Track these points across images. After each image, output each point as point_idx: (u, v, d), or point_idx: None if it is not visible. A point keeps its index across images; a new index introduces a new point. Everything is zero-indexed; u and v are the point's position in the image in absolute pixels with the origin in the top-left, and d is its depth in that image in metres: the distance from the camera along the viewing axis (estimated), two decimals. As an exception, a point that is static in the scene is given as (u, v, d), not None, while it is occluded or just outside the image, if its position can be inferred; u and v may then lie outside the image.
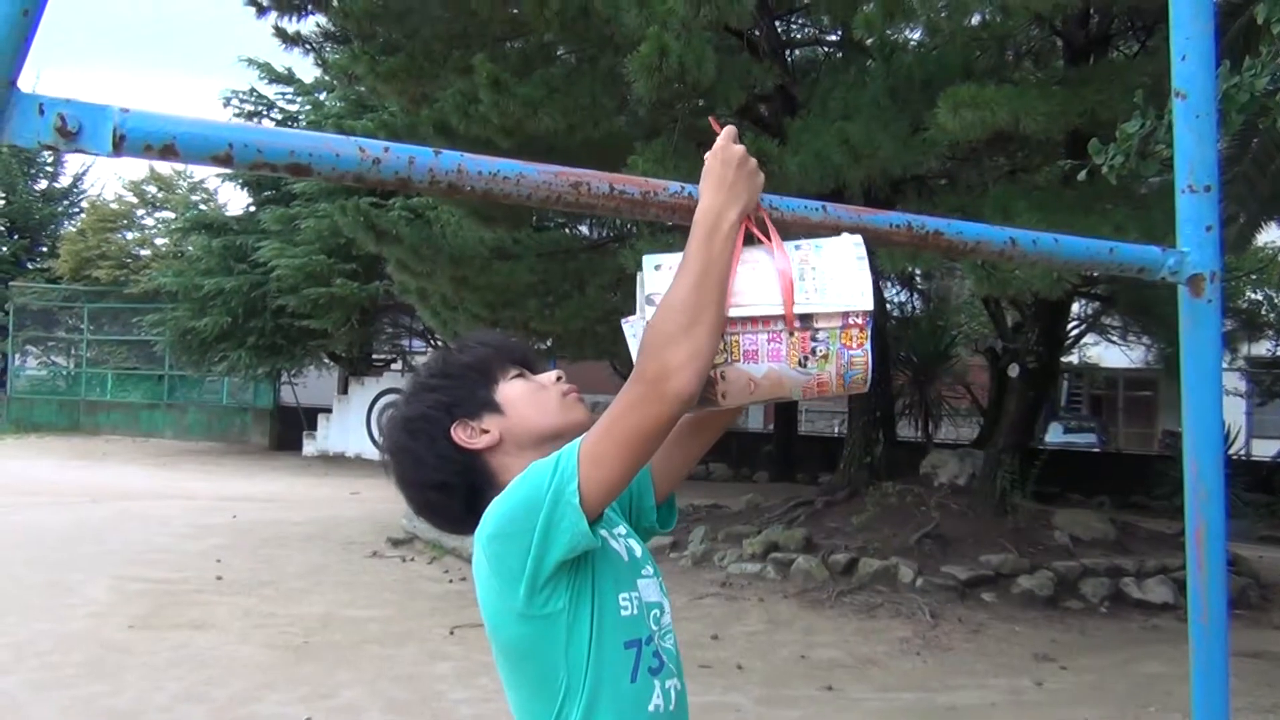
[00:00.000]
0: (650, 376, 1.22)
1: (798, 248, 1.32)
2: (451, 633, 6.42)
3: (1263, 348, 17.11)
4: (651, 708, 1.36)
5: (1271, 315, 16.33)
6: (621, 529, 1.49)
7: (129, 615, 6.69)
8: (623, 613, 1.36)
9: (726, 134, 1.32)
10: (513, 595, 1.30)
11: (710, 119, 1.34)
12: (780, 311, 1.27)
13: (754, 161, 1.30)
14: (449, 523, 1.49)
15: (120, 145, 0.97)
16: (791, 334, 1.28)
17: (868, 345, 1.29)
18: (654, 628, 1.41)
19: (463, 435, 1.43)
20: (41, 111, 0.95)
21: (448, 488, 1.44)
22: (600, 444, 1.25)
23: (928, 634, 6.82)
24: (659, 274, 1.31)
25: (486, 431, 1.43)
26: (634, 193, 1.22)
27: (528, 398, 1.47)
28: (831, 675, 5.82)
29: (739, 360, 1.29)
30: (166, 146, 0.99)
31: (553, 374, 1.52)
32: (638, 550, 1.47)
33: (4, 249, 28.81)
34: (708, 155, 1.30)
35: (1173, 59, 1.56)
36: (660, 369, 1.21)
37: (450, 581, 8.09)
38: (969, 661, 6.29)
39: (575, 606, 1.31)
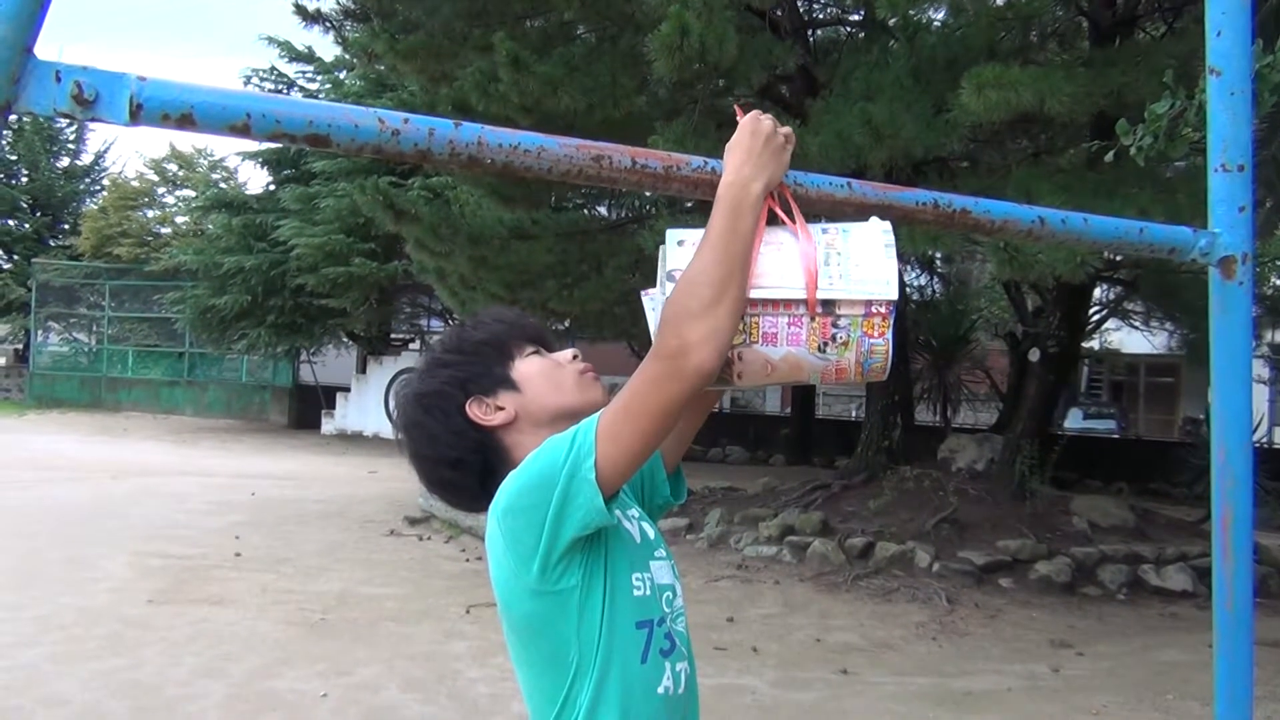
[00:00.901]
0: (670, 352, 1.20)
1: (825, 231, 1.29)
2: (468, 611, 6.44)
3: (1287, 335, 16.94)
4: (661, 689, 1.35)
5: (1297, 303, 16.15)
6: (634, 511, 1.48)
7: (149, 590, 6.74)
8: (635, 592, 1.35)
9: (754, 113, 1.29)
10: (526, 571, 1.29)
11: (735, 106, 1.32)
12: (802, 296, 1.25)
13: (782, 137, 1.28)
14: (462, 499, 1.48)
15: (137, 114, 0.96)
16: (813, 319, 1.25)
17: (889, 335, 1.26)
18: (666, 610, 1.40)
19: (478, 412, 1.42)
20: (58, 79, 0.94)
21: (462, 464, 1.43)
22: (618, 420, 1.23)
23: (944, 619, 6.80)
24: (681, 250, 1.29)
25: (502, 408, 1.42)
26: (656, 167, 1.20)
27: (544, 375, 1.45)
28: (847, 659, 5.82)
29: (758, 342, 1.26)
30: (184, 116, 0.98)
31: (569, 352, 1.51)
32: (650, 533, 1.47)
33: (27, 226, 29.02)
34: (738, 128, 1.28)
35: (1207, 35, 1.53)
36: (680, 345, 1.19)
37: (466, 560, 8.12)
38: (985, 647, 6.27)
39: (588, 584, 1.30)
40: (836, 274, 1.26)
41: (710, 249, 1.23)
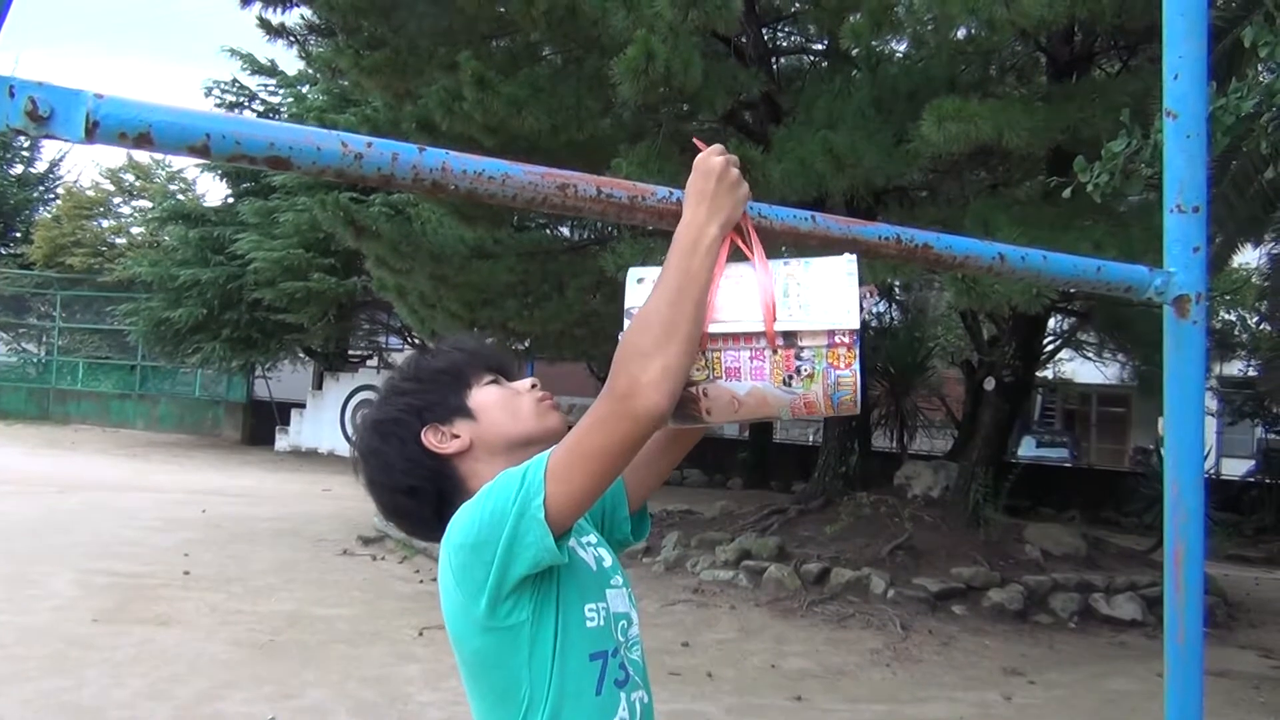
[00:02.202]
0: (620, 392, 1.19)
1: (786, 263, 1.29)
2: (420, 634, 6.37)
3: (1234, 368, 17.28)
4: (617, 719, 1.34)
5: (1244, 336, 16.49)
6: (592, 537, 1.47)
7: (93, 609, 6.60)
8: (588, 624, 1.34)
9: (711, 149, 1.28)
10: (475, 606, 1.27)
11: (695, 140, 1.31)
12: (762, 329, 1.24)
13: (736, 173, 1.26)
14: (417, 527, 1.47)
15: (93, 132, 0.94)
16: (775, 352, 1.24)
17: (856, 366, 1.25)
18: (621, 639, 1.39)
19: (433, 440, 1.41)
20: (12, 94, 0.91)
21: (416, 492, 1.42)
22: (568, 459, 1.22)
23: (898, 645, 6.82)
24: (640, 287, 1.28)
25: (457, 436, 1.42)
26: (621, 197, 1.20)
27: (500, 404, 1.45)
28: (801, 685, 5.81)
29: (721, 377, 1.25)
30: (141, 135, 0.96)
31: (527, 381, 1.50)
32: (607, 560, 1.46)
33: (-23, 233, 28.48)
34: (693, 168, 1.27)
35: (1164, 78, 1.55)
36: (629, 385, 1.18)
37: (420, 582, 8.03)
38: (938, 674, 6.29)
39: (539, 618, 1.29)
40: (796, 305, 1.25)
41: (664, 289, 1.22)
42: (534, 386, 1.49)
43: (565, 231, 12.24)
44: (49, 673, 5.26)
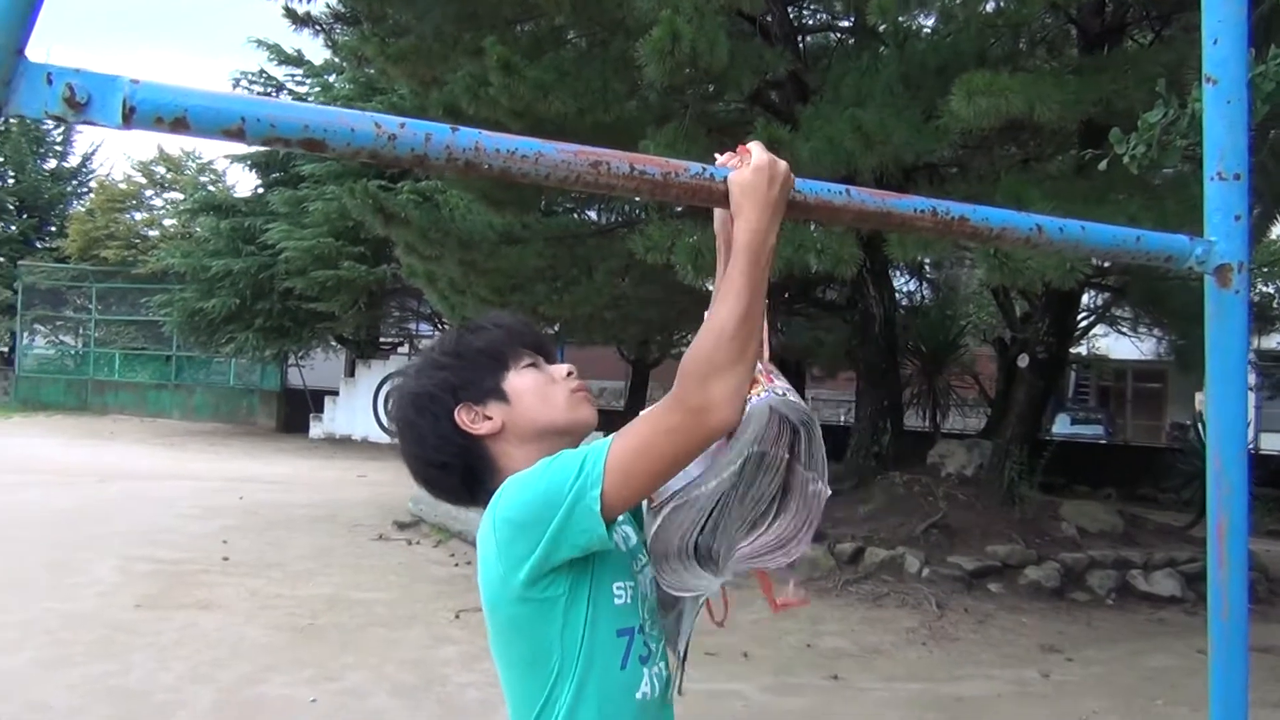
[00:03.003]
0: (695, 407, 1.22)
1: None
2: (457, 616, 6.42)
3: (1273, 341, 17.02)
4: (639, 695, 1.38)
5: (1284, 309, 16.22)
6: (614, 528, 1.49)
7: (136, 595, 6.70)
8: (616, 601, 1.37)
9: (769, 156, 1.26)
10: (514, 577, 1.30)
11: (740, 146, 1.30)
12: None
13: (792, 176, 1.26)
14: (448, 497, 1.51)
15: (130, 117, 0.94)
16: None
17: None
18: (645, 617, 1.42)
19: (465, 419, 1.44)
20: (50, 81, 0.92)
21: (447, 466, 1.46)
22: (630, 458, 1.25)
23: (934, 624, 6.80)
24: None
25: (489, 418, 1.44)
26: (655, 173, 1.19)
27: (536, 390, 1.46)
28: (837, 664, 5.81)
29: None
30: (178, 119, 0.96)
31: (564, 368, 1.52)
32: (634, 538, 1.48)
33: (13, 228, 28.87)
34: (749, 169, 1.24)
35: (1204, 42, 1.53)
36: (705, 401, 1.22)
37: (455, 565, 8.09)
38: (975, 652, 6.27)
39: (574, 593, 1.32)
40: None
41: (737, 300, 1.23)
42: (570, 374, 1.51)
43: (593, 215, 12.23)
44: (95, 657, 5.35)
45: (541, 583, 1.30)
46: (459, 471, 1.45)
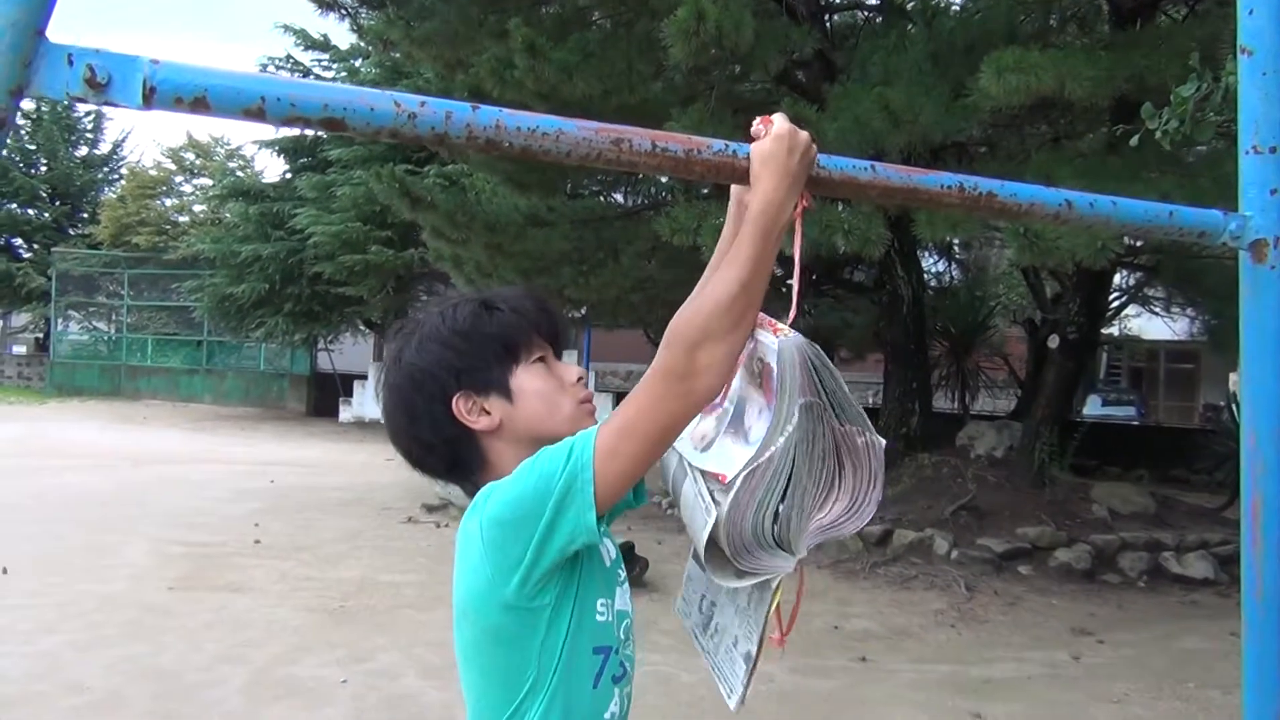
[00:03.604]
0: (681, 373, 1.17)
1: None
2: (485, 598, 6.45)
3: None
4: (608, 715, 1.34)
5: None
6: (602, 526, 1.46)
7: (169, 577, 6.78)
8: (598, 618, 1.33)
9: (791, 126, 1.23)
10: (504, 583, 1.25)
11: (763, 117, 1.27)
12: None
13: (815, 147, 1.23)
14: (422, 470, 1.45)
15: (150, 98, 0.94)
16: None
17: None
18: (621, 637, 1.38)
19: (463, 408, 1.36)
20: (70, 62, 0.92)
21: (434, 449, 1.39)
22: (619, 438, 1.20)
23: (963, 606, 6.77)
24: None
25: (489, 413, 1.36)
26: (677, 150, 1.18)
27: (543, 395, 1.38)
28: (866, 646, 5.80)
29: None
30: (198, 99, 0.96)
31: (575, 372, 1.44)
32: (613, 553, 1.43)
33: (46, 215, 29.21)
34: (769, 138, 1.22)
35: (1239, 13, 1.49)
36: (692, 367, 1.17)
37: (484, 548, 8.12)
38: (1005, 634, 6.24)
39: (559, 604, 1.28)
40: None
41: (741, 269, 1.19)
42: (580, 380, 1.43)
43: (619, 198, 12.20)
44: (129, 638, 5.42)
45: (530, 589, 1.24)
46: (444, 456, 1.39)
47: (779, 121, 1.23)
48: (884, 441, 1.32)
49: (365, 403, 21.01)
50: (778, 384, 1.27)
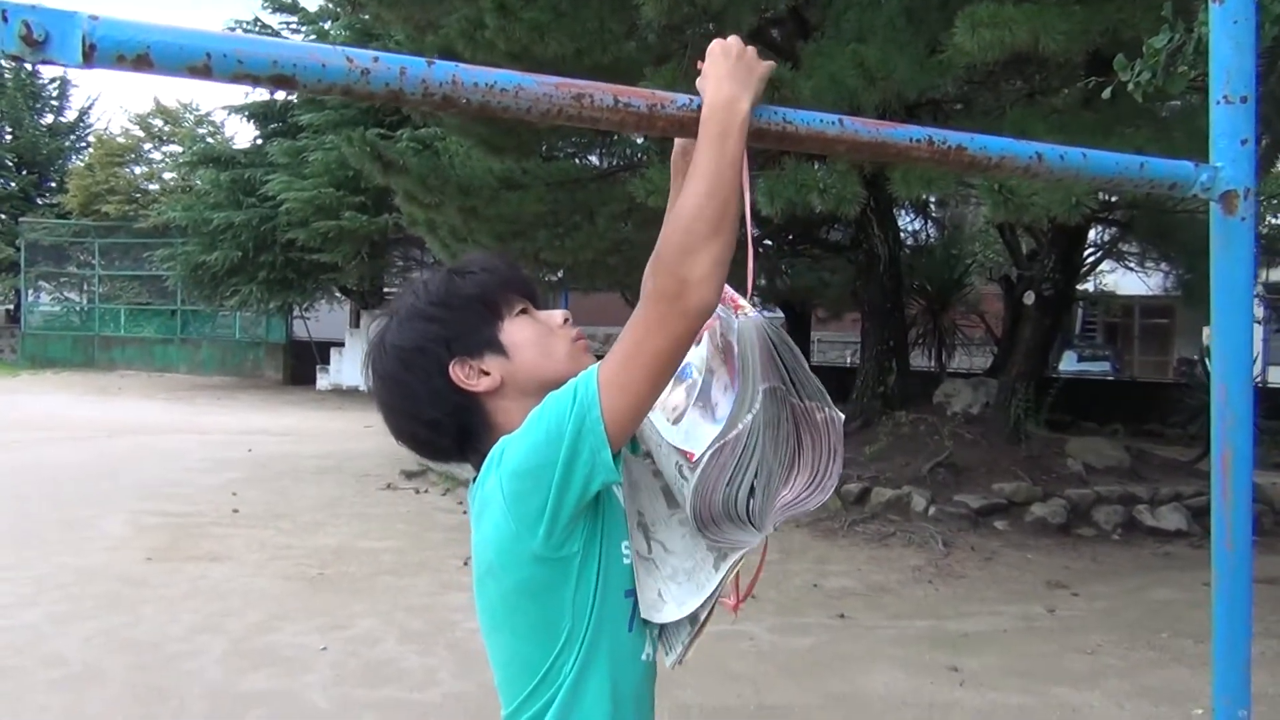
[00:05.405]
0: (670, 294, 1.15)
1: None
2: (465, 563, 6.45)
3: (1281, 274, 16.91)
4: (644, 657, 1.34)
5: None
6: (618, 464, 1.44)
7: (146, 548, 6.75)
8: (624, 560, 1.32)
9: (719, 40, 1.24)
10: (531, 535, 1.23)
11: (695, 61, 1.26)
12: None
13: (753, 50, 1.22)
14: (433, 454, 1.43)
15: (91, 55, 0.91)
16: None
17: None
18: None
19: (461, 374, 1.34)
20: (5, 19, 0.88)
21: (440, 425, 1.37)
22: (622, 370, 1.18)
23: (940, 562, 6.84)
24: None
25: (487, 373, 1.35)
26: (640, 105, 1.15)
27: (535, 343, 1.38)
28: (844, 603, 5.85)
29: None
30: (140, 57, 0.92)
31: (559, 315, 1.43)
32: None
33: (13, 184, 28.78)
34: (707, 56, 1.23)
35: (1210, -40, 1.47)
36: (679, 285, 1.14)
37: (463, 513, 8.12)
38: (981, 589, 6.31)
39: (586, 550, 1.26)
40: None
41: (700, 180, 1.16)
42: (566, 321, 1.42)
43: (594, 160, 12.11)
44: (107, 610, 5.40)
45: (557, 538, 1.22)
46: (452, 430, 1.37)
47: (715, 40, 1.23)
48: (843, 416, 1.32)
49: (342, 370, 20.92)
50: (739, 364, 1.27)
